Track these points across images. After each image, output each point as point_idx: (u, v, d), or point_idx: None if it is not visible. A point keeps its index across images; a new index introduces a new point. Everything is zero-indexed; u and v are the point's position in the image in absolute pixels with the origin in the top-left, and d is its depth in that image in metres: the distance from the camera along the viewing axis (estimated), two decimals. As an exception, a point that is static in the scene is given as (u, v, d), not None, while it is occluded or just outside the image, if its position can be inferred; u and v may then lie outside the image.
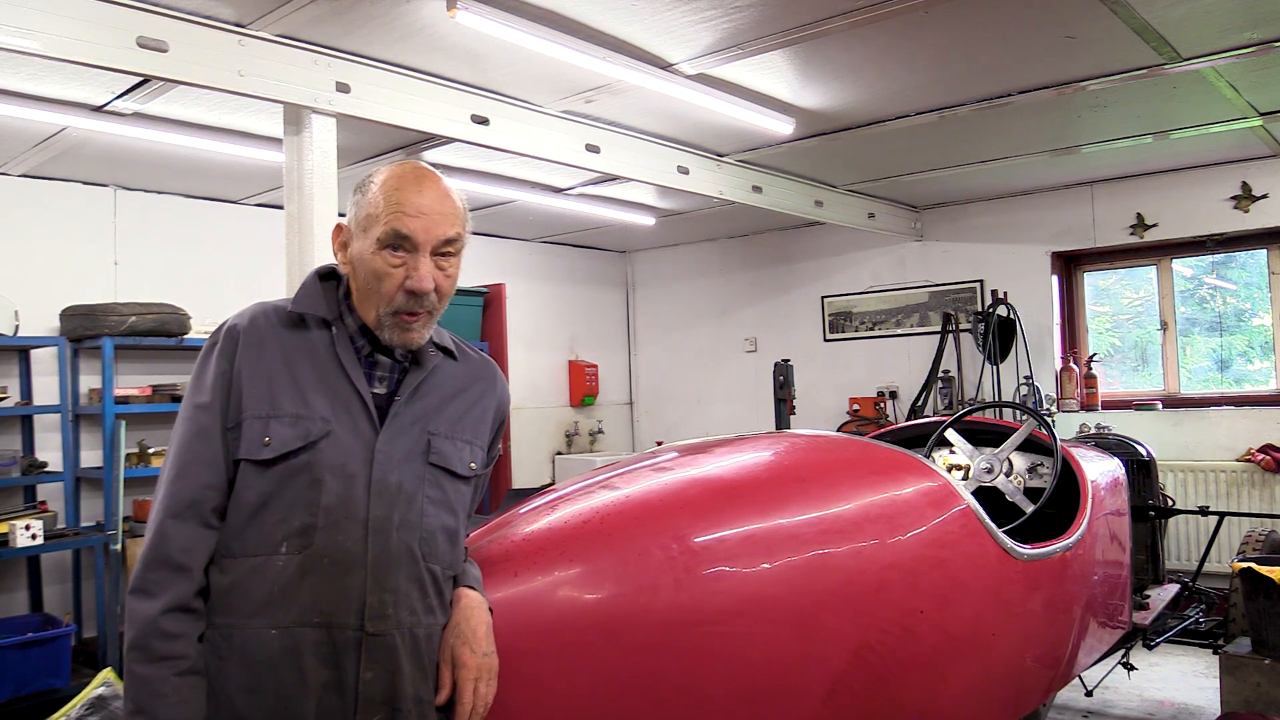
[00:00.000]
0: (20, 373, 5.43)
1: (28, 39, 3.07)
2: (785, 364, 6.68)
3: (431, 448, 1.70)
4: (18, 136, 4.83)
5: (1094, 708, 4.45)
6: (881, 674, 2.22)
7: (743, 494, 2.21)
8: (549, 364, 8.59)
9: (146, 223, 6.02)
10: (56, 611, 5.33)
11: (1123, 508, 3.86)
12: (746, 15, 3.68)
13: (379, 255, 1.63)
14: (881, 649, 2.22)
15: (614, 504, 2.07)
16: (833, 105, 4.84)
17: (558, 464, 8.47)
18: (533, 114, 4.67)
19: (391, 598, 1.60)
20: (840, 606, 2.16)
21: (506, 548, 1.93)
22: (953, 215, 7.43)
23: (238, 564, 1.58)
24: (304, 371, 1.65)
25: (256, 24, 3.58)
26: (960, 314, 7.27)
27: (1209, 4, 3.66)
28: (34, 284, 5.47)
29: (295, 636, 1.55)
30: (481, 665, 1.66)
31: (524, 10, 3.57)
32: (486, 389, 1.84)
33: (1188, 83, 4.57)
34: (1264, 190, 6.11)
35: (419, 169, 1.69)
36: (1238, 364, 6.63)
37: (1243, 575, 3.58)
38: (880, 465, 2.57)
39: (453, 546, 1.73)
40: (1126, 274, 7.07)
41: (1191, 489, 6.17)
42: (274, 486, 1.59)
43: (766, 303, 8.49)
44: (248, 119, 4.73)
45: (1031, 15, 3.77)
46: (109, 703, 3.34)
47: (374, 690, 1.58)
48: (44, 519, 4.91)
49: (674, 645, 1.90)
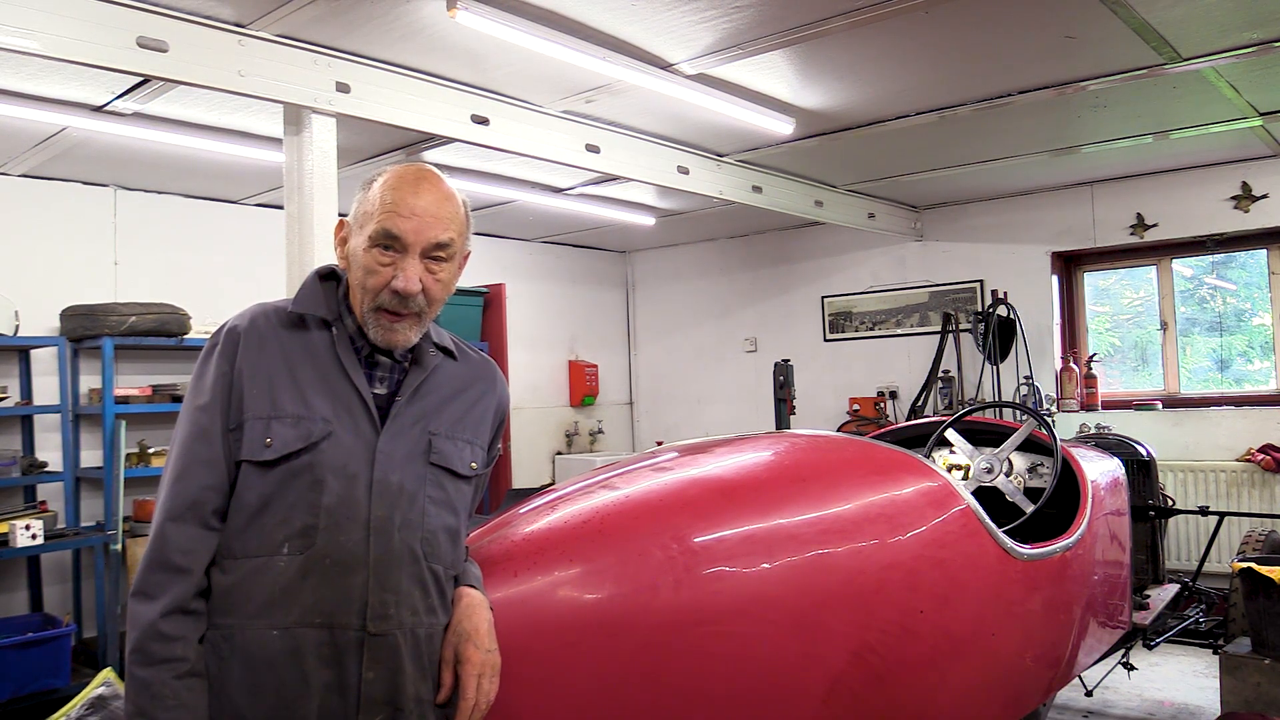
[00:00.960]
0: (20, 373, 5.43)
1: (28, 39, 3.07)
2: (785, 364, 6.68)
3: (432, 448, 1.70)
4: (18, 136, 4.83)
5: (1094, 708, 4.45)
6: (881, 674, 2.22)
7: (743, 494, 2.21)
8: (549, 364, 8.59)
9: (146, 223, 6.02)
10: (56, 611, 5.33)
11: (1123, 508, 3.86)
12: (746, 15, 3.68)
13: (370, 253, 1.64)
14: (881, 649, 2.22)
15: (614, 504, 2.07)
16: (833, 105, 4.84)
17: (558, 464, 8.47)
18: (533, 114, 4.67)
19: (393, 598, 1.60)
20: (840, 606, 2.16)
21: (506, 548, 1.93)
22: (953, 215, 7.43)
23: (239, 565, 1.58)
24: (305, 372, 1.65)
25: (256, 24, 3.58)
26: (960, 314, 7.27)
27: (1209, 4, 3.66)
28: (34, 284, 5.47)
29: (297, 637, 1.55)
30: (485, 661, 1.67)
31: (524, 10, 3.57)
32: (486, 389, 1.84)
33: (1188, 83, 4.57)
34: (1264, 190, 6.11)
35: (421, 170, 1.69)
36: (1238, 364, 6.63)
37: (1243, 575, 3.58)
38: (880, 465, 2.57)
39: (454, 546, 1.74)
40: (1126, 274, 7.07)
41: (1191, 489, 6.17)
42: (275, 487, 1.59)
43: (766, 303, 8.49)
44: (248, 119, 4.73)
45: (1031, 15, 3.77)
46: (109, 703, 3.33)
47: (376, 690, 1.58)
48: (44, 519, 4.91)
49: (674, 645, 1.90)
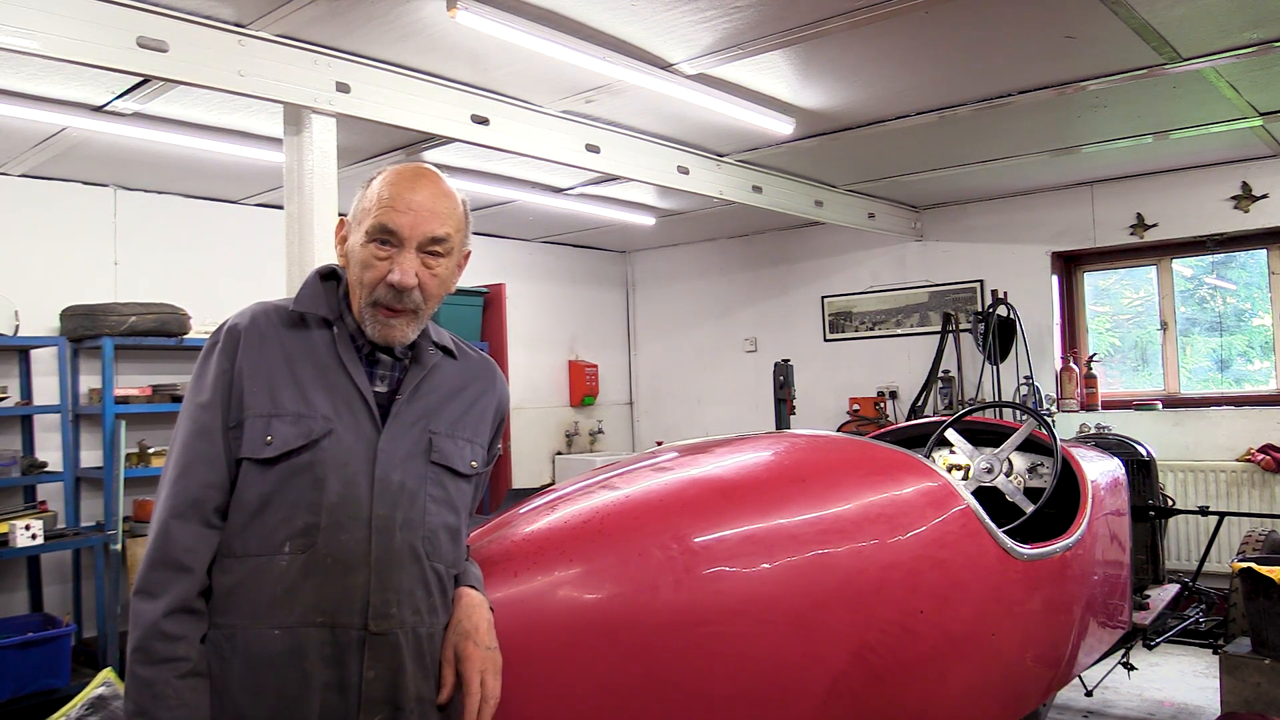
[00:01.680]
0: (20, 373, 5.43)
1: (28, 39, 3.07)
2: (785, 364, 6.68)
3: (433, 446, 1.70)
4: (18, 136, 4.83)
5: (1094, 708, 4.45)
6: (881, 674, 2.22)
7: (743, 494, 2.21)
8: (549, 364, 8.59)
9: (146, 223, 6.02)
10: (56, 611, 5.33)
11: (1123, 508, 3.86)
12: (746, 15, 3.68)
13: (366, 248, 1.65)
14: (881, 649, 2.22)
15: (614, 504, 2.07)
16: (833, 105, 4.84)
17: (558, 464, 8.47)
18: (533, 114, 4.67)
19: (395, 597, 1.60)
20: (840, 606, 2.16)
21: (506, 548, 1.93)
22: (953, 215, 7.43)
23: (240, 564, 1.58)
24: (305, 370, 1.65)
25: (256, 24, 3.58)
26: (960, 314, 7.27)
27: (1209, 4, 3.66)
28: (34, 284, 5.47)
29: (299, 637, 1.55)
30: (486, 658, 1.66)
31: (524, 10, 3.57)
32: (486, 387, 1.84)
33: (1188, 83, 4.57)
34: (1264, 190, 6.11)
35: (419, 168, 1.70)
36: (1238, 364, 6.63)
37: (1243, 575, 3.58)
38: (880, 465, 2.57)
39: (455, 545, 1.74)
40: (1126, 274, 7.06)
41: (1191, 489, 6.17)
42: (276, 486, 1.59)
43: (766, 303, 8.49)
44: (248, 119, 4.73)
45: (1031, 15, 3.77)
46: (109, 703, 3.33)
47: (377, 690, 1.58)
48: (44, 519, 4.90)
49: (674, 645, 1.90)
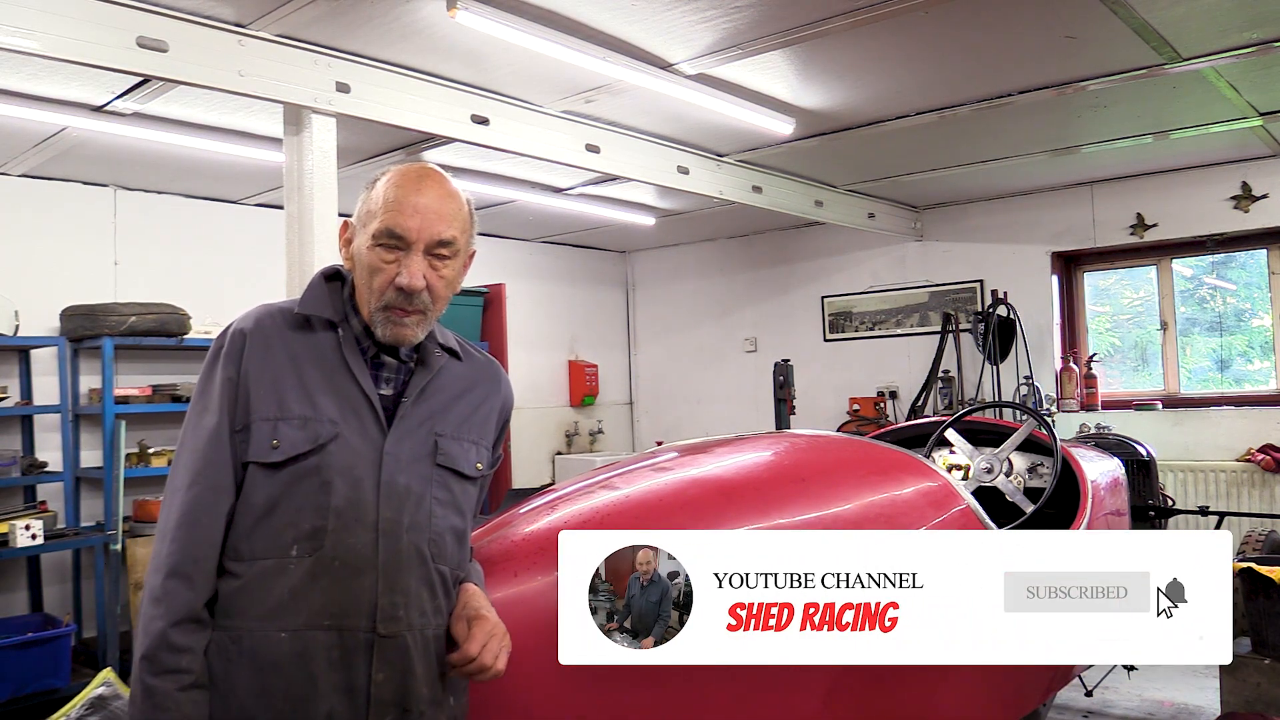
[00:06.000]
0: (20, 373, 5.42)
1: (28, 39, 3.07)
2: (785, 364, 6.68)
3: (439, 449, 1.69)
4: (18, 136, 4.83)
5: (1094, 708, 4.45)
6: (881, 674, 2.22)
7: (743, 494, 2.21)
8: (549, 364, 8.59)
9: (146, 223, 6.02)
10: (56, 611, 5.32)
11: (1123, 508, 3.86)
12: (746, 15, 3.68)
13: (373, 251, 1.64)
14: (882, 649, 2.21)
15: (614, 504, 2.07)
16: (833, 105, 4.84)
17: (558, 464, 8.47)
18: (533, 114, 4.67)
19: (402, 599, 1.61)
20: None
21: (506, 548, 1.93)
22: (953, 215, 7.43)
23: (246, 567, 1.58)
24: (311, 373, 1.65)
25: (256, 24, 3.58)
26: (960, 314, 7.27)
27: (1209, 4, 3.66)
28: (34, 284, 5.46)
29: (306, 640, 1.55)
30: (497, 624, 1.67)
31: (524, 10, 3.57)
32: (491, 389, 1.84)
33: (1188, 83, 4.57)
34: (1264, 190, 6.11)
35: (425, 169, 1.69)
36: (1238, 364, 6.63)
37: (1243, 575, 3.58)
38: (880, 465, 2.57)
39: (460, 547, 1.74)
40: (1126, 274, 7.07)
41: (1191, 489, 6.17)
42: (282, 489, 1.59)
43: (766, 303, 8.49)
44: (248, 119, 4.73)
45: (1031, 15, 3.77)
46: (109, 703, 3.32)
47: (386, 692, 1.58)
48: (44, 519, 4.90)
49: (674, 645, 1.90)
